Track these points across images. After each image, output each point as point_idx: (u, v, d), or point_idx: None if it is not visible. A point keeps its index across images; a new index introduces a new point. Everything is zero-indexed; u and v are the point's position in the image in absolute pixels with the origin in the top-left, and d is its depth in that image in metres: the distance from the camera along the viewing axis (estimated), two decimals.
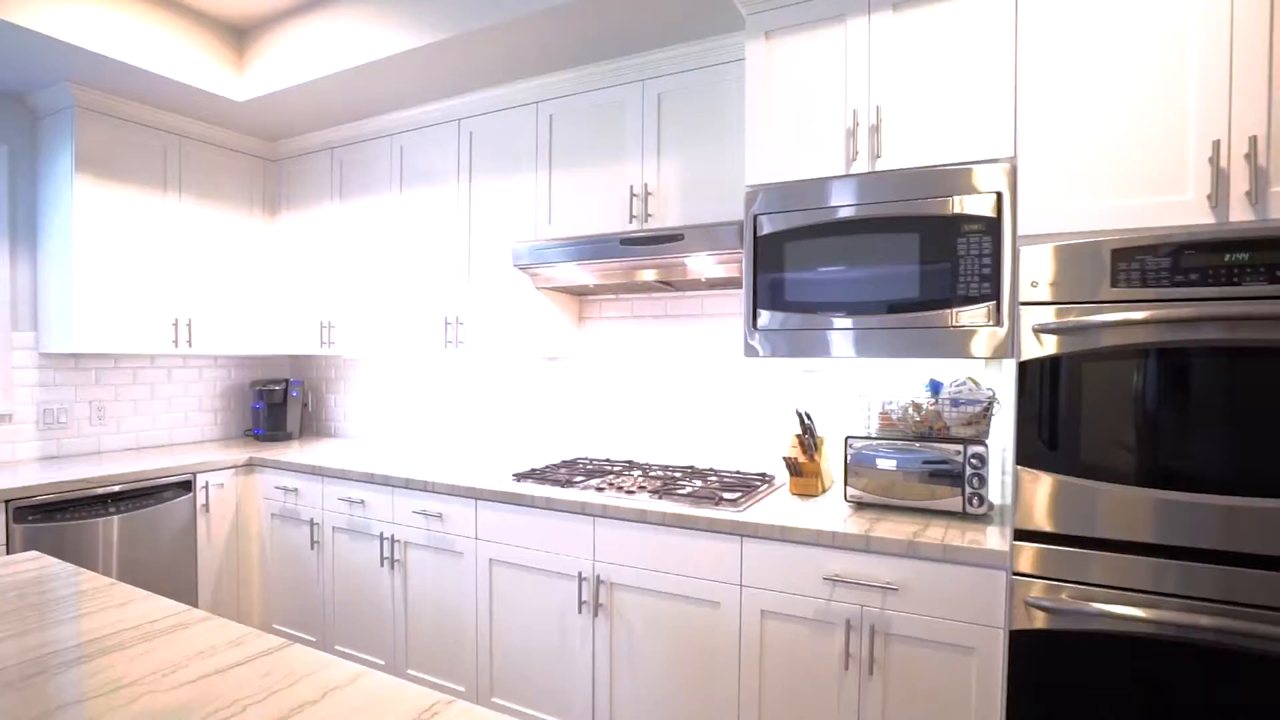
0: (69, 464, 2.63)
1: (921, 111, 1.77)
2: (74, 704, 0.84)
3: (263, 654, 0.98)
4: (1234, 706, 1.36)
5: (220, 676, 0.91)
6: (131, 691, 0.87)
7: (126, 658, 0.96)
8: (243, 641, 1.03)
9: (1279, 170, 1.34)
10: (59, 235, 2.66)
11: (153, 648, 1.00)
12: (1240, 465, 1.35)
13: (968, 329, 1.72)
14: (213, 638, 1.04)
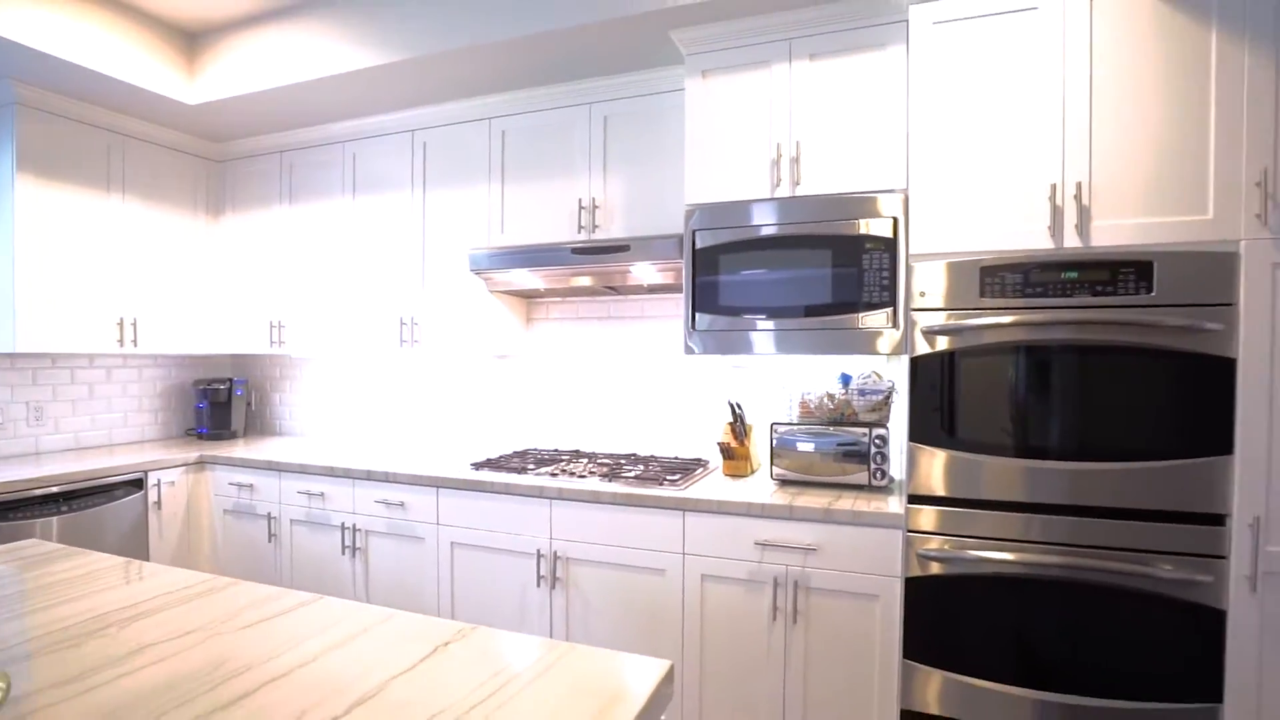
0: (6, 465, 2.61)
1: (834, 146, 2.09)
2: (153, 645, 1.00)
3: (301, 605, 1.16)
4: (1079, 623, 1.74)
5: (273, 622, 1.09)
6: (200, 634, 1.04)
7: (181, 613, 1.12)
8: (280, 597, 1.20)
9: (1098, 208, 1.72)
10: None
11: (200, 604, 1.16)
12: (1084, 438, 1.73)
13: (871, 330, 2.05)
14: (253, 594, 1.21)
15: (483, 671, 0.93)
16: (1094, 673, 1.74)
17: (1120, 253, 1.70)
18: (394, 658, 0.96)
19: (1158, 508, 1.69)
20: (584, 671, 0.93)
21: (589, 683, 0.89)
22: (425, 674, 0.92)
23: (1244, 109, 1.61)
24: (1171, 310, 1.67)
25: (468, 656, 0.97)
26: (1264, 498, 1.61)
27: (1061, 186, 1.75)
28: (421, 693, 0.86)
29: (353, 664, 0.95)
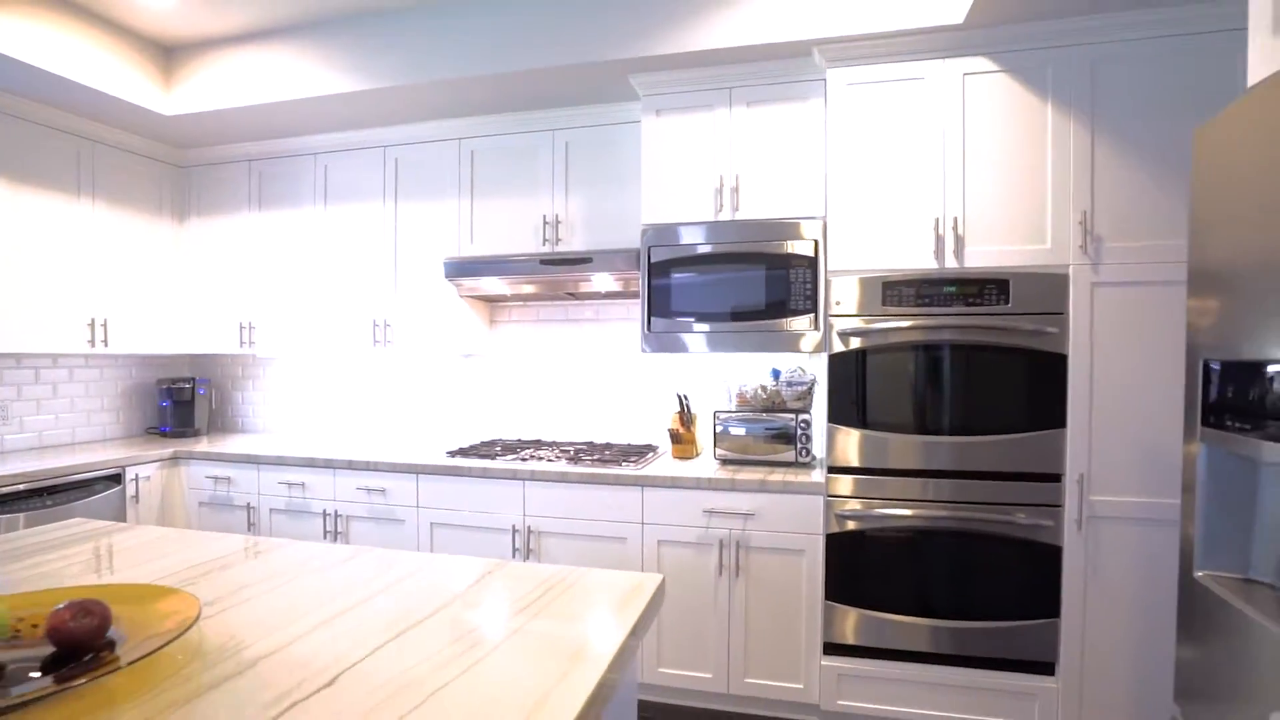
0: None
1: (767, 179, 2.50)
2: (253, 584, 1.27)
3: (353, 555, 1.45)
4: (960, 563, 2.21)
5: (338, 568, 1.37)
6: (283, 577, 1.31)
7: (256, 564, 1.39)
8: (329, 552, 1.48)
9: (970, 237, 2.20)
10: None
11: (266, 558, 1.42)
12: (964, 418, 2.20)
13: (797, 332, 2.47)
14: (308, 549, 1.48)
15: (527, 584, 1.25)
16: (971, 601, 2.22)
17: (986, 272, 2.19)
18: (454, 583, 1.27)
19: (1015, 470, 2.19)
20: (605, 581, 1.27)
21: (610, 587, 1.24)
22: (485, 588, 1.24)
23: (1070, 165, 2.13)
24: (1023, 317, 2.16)
25: (509, 579, 1.29)
26: (1086, 460, 2.12)
27: (943, 220, 2.22)
28: (491, 598, 1.18)
29: (428, 586, 1.25)
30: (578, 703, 0.82)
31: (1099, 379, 2.12)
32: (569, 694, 0.85)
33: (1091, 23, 2.08)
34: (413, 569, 1.36)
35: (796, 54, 2.38)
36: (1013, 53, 2.17)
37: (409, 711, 0.80)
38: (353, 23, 2.75)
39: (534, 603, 1.17)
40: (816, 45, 2.31)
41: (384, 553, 1.46)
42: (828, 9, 2.25)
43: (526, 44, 2.54)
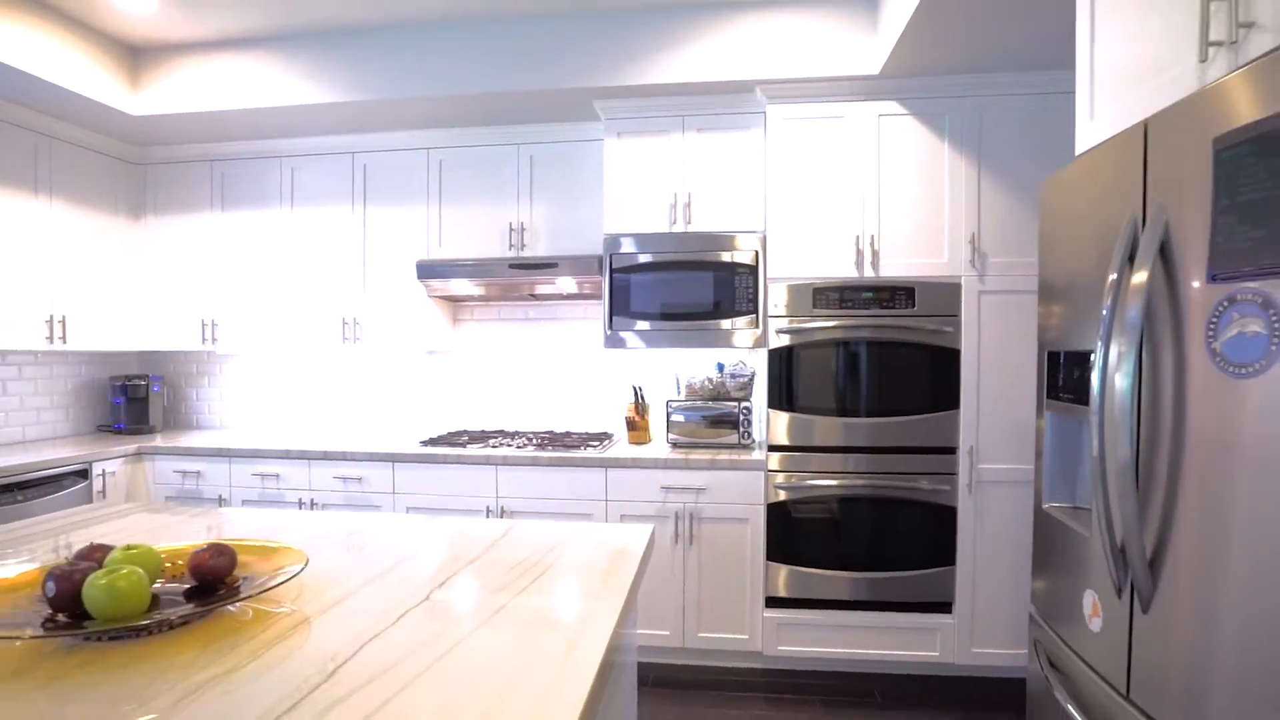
0: None
1: (715, 196, 2.86)
2: (319, 537, 1.50)
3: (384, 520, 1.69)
4: (874, 524, 2.64)
5: (379, 528, 1.61)
6: (333, 537, 1.54)
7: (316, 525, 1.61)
8: (361, 518, 1.71)
9: (884, 252, 2.64)
10: None
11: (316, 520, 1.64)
12: (878, 402, 2.63)
13: (740, 330, 2.85)
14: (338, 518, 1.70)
15: (542, 540, 1.54)
16: (884, 555, 2.65)
17: (896, 281, 2.63)
18: (473, 545, 1.54)
19: (919, 445, 2.64)
20: (603, 533, 1.58)
21: (607, 539, 1.54)
22: (505, 545, 1.51)
23: (962, 194, 2.59)
24: (925, 319, 2.61)
25: (522, 537, 1.57)
26: (975, 435, 2.60)
27: (862, 236, 2.64)
28: (509, 553, 1.46)
29: (454, 544, 1.52)
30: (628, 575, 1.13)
31: (984, 369, 2.60)
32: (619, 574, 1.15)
33: (979, 80, 2.56)
34: (440, 532, 1.62)
35: (741, 90, 2.75)
36: (918, 100, 2.62)
37: (490, 616, 1.09)
38: (329, 37, 2.91)
39: (551, 551, 1.46)
40: (758, 84, 2.68)
41: (413, 518, 1.71)
42: (768, 55, 2.63)
43: (499, 68, 2.79)
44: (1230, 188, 0.99)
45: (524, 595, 1.16)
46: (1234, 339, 0.99)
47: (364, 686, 0.84)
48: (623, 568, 1.31)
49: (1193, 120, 1.08)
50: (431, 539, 1.53)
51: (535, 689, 0.83)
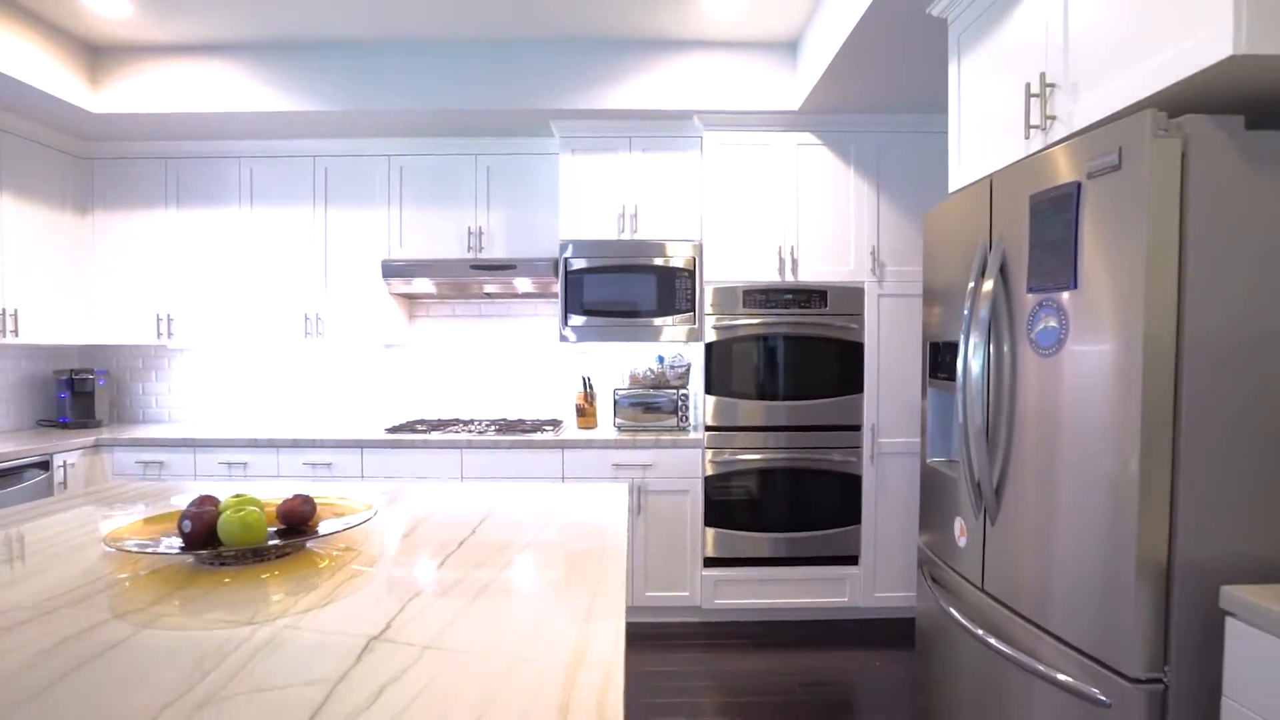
0: None
1: (659, 208, 3.25)
2: None
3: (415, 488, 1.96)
4: (792, 491, 3.11)
5: (409, 494, 1.89)
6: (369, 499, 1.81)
7: None
8: (391, 487, 1.98)
9: (802, 260, 3.11)
10: None
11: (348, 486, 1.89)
12: (796, 388, 3.10)
13: (679, 326, 3.25)
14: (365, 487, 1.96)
15: (545, 500, 1.87)
16: (799, 518, 3.13)
17: (812, 285, 3.11)
18: (479, 508, 1.86)
19: (830, 423, 3.13)
20: (590, 492, 1.93)
21: (595, 497, 1.89)
22: (512, 505, 1.84)
23: (865, 213, 3.10)
24: (835, 317, 3.11)
25: (522, 499, 1.90)
26: (876, 414, 3.12)
27: (784, 246, 3.11)
28: (518, 511, 1.79)
29: (472, 506, 1.83)
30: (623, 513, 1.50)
31: (883, 359, 3.12)
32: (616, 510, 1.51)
33: (879, 118, 3.07)
34: (426, 511, 1.92)
35: (682, 118, 3.15)
36: (829, 133, 3.10)
37: (524, 546, 1.42)
38: (298, 49, 3.08)
39: (554, 510, 1.80)
40: (696, 114, 3.09)
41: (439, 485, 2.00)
42: (705, 89, 3.04)
43: (465, 86, 3.06)
44: (1038, 230, 1.47)
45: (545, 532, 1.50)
46: (1042, 331, 1.47)
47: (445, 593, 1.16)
48: (613, 503, 1.67)
49: (1018, 180, 1.56)
50: (448, 499, 1.83)
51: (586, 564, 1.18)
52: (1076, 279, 1.36)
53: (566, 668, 0.85)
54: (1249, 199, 1.21)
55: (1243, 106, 1.33)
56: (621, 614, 1.04)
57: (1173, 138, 1.19)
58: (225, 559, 1.23)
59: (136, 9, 2.75)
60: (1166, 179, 1.20)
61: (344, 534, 1.47)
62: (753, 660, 2.86)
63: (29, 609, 1.04)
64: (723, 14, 2.81)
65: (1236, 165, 1.20)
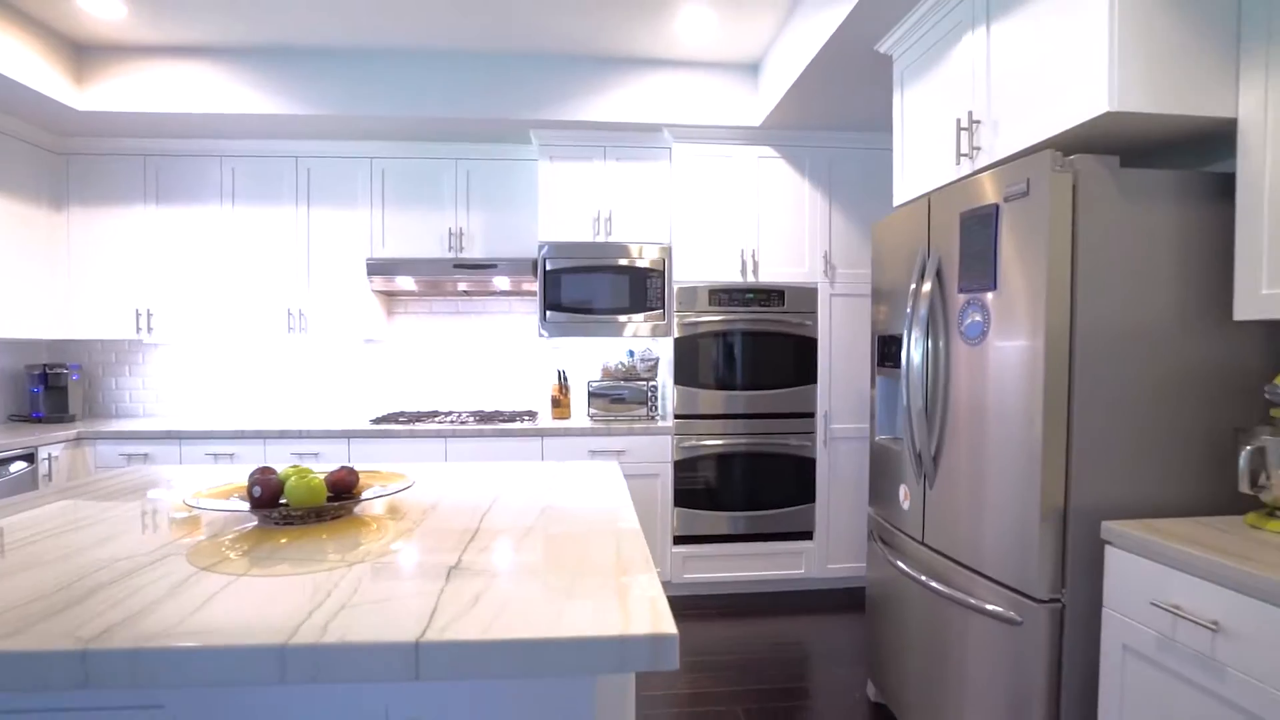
0: None
1: (631, 213, 3.50)
2: None
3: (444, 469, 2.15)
4: (752, 474, 3.41)
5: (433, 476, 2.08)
6: None
7: None
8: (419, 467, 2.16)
9: (762, 262, 3.41)
10: None
11: None
12: (755, 378, 3.40)
13: (650, 323, 3.51)
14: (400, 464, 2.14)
15: (551, 475, 2.10)
16: (759, 498, 3.43)
17: (771, 285, 3.42)
18: (494, 482, 2.07)
19: (787, 411, 3.44)
20: (588, 467, 2.16)
21: (594, 470, 2.13)
22: (523, 480, 2.06)
23: (818, 221, 3.43)
24: (792, 314, 3.42)
25: (530, 475, 2.12)
26: (828, 402, 3.45)
27: (746, 250, 3.41)
28: (530, 484, 2.01)
29: (486, 481, 2.04)
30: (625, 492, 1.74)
31: (834, 353, 3.45)
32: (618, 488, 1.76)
33: (831, 135, 3.40)
34: (481, 471, 2.13)
35: (653, 130, 3.41)
36: (787, 147, 3.42)
37: (546, 506, 1.66)
38: (286, 53, 3.19)
39: (554, 482, 2.04)
40: (666, 127, 3.35)
41: (463, 465, 2.19)
42: (675, 104, 3.31)
43: (449, 95, 3.24)
44: (966, 241, 1.79)
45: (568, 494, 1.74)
46: (969, 325, 1.79)
47: (495, 537, 1.39)
48: (611, 474, 1.92)
49: (951, 199, 1.88)
50: (458, 478, 2.04)
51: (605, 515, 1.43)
52: (996, 282, 1.68)
53: (615, 575, 1.09)
54: (1122, 223, 1.54)
55: (1120, 148, 1.68)
56: (642, 539, 1.29)
57: (1066, 173, 1.52)
58: (291, 518, 1.42)
59: (130, 11, 2.83)
60: (1062, 205, 1.52)
61: (381, 502, 1.67)
62: (720, 628, 3.14)
63: (132, 559, 1.21)
64: (692, 36, 3.08)
65: (1113, 196, 1.53)
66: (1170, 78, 1.48)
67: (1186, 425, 1.58)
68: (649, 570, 1.16)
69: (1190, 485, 1.58)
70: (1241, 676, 1.18)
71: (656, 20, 2.93)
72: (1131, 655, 1.42)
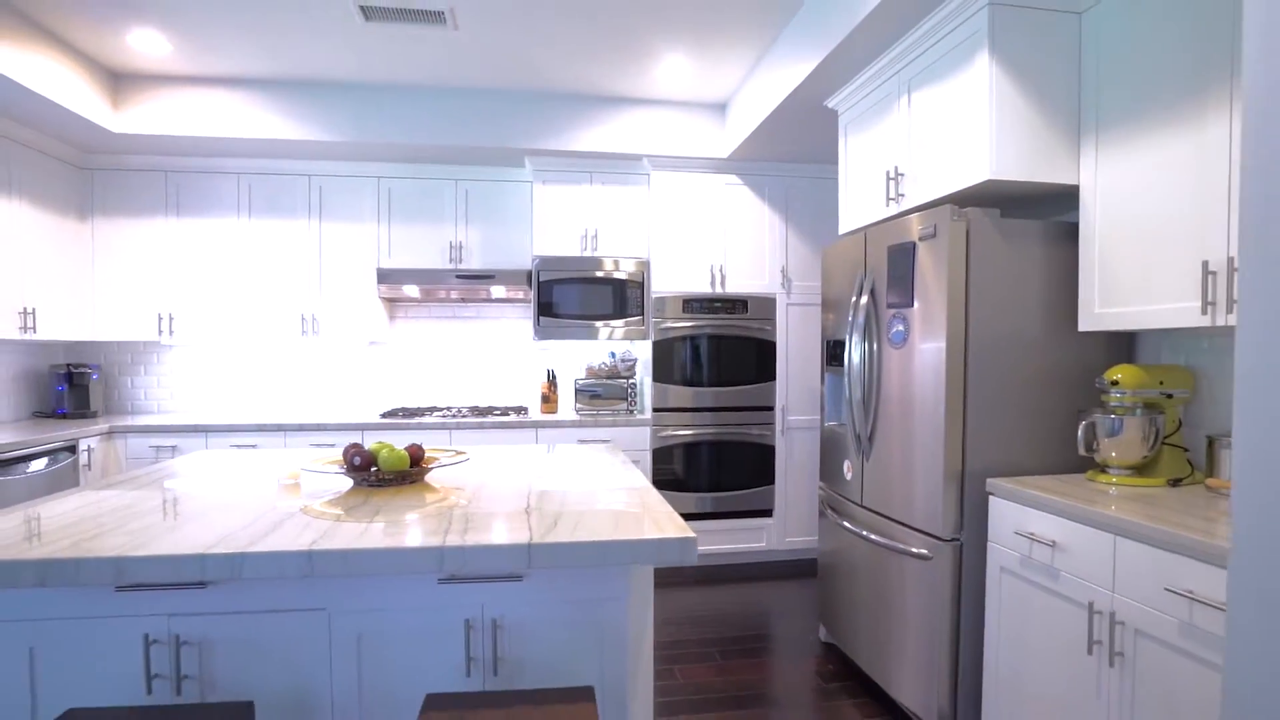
0: None
1: (616, 230, 3.96)
2: None
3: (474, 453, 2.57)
4: (719, 459, 3.92)
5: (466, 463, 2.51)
6: None
7: None
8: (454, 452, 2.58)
9: (730, 275, 3.93)
10: None
11: None
12: (722, 376, 3.91)
13: (631, 327, 3.98)
14: None
15: (569, 455, 2.55)
16: (726, 480, 3.94)
17: (736, 295, 3.93)
18: (527, 460, 2.51)
19: (751, 405, 3.96)
20: (598, 449, 2.62)
21: (601, 452, 2.59)
22: (549, 459, 2.50)
23: (777, 240, 3.96)
24: (755, 320, 3.94)
25: (552, 456, 2.57)
26: (785, 397, 3.98)
27: (715, 264, 3.91)
28: (556, 462, 2.46)
29: (519, 460, 2.48)
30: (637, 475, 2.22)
31: (791, 355, 3.99)
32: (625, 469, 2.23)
33: (788, 167, 3.94)
34: (512, 455, 2.56)
35: (634, 159, 3.89)
36: (750, 176, 3.94)
37: (577, 473, 2.12)
38: (305, 85, 3.55)
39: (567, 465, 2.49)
40: (645, 156, 3.84)
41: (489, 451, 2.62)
42: (653, 137, 3.79)
43: (450, 125, 3.65)
44: (892, 267, 2.32)
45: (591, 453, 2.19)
46: (895, 333, 2.32)
47: (547, 491, 1.85)
48: (613, 453, 2.39)
49: (882, 233, 2.41)
50: (490, 460, 2.47)
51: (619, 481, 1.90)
52: (914, 300, 2.22)
53: (644, 510, 1.56)
54: (1001, 258, 2.09)
55: (1001, 201, 2.24)
56: (656, 492, 1.76)
57: (961, 221, 2.06)
58: (383, 480, 1.85)
59: (174, 48, 3.16)
60: (958, 245, 2.06)
61: (443, 472, 2.10)
62: (694, 593, 3.64)
63: (277, 512, 1.62)
64: (670, 80, 3.56)
65: (995, 238, 2.08)
66: (1032, 155, 2.03)
67: (1047, 408, 2.14)
68: (666, 506, 1.64)
69: (1050, 452, 2.15)
70: (1068, 576, 1.72)
71: (639, 66, 3.41)
72: (1006, 574, 1.96)
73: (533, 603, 1.52)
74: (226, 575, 1.27)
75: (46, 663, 1.42)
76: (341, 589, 1.48)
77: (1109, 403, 1.96)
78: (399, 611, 1.49)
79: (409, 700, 1.50)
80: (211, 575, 1.26)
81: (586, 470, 2.15)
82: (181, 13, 2.85)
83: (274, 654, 1.47)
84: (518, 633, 1.53)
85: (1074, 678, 1.72)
